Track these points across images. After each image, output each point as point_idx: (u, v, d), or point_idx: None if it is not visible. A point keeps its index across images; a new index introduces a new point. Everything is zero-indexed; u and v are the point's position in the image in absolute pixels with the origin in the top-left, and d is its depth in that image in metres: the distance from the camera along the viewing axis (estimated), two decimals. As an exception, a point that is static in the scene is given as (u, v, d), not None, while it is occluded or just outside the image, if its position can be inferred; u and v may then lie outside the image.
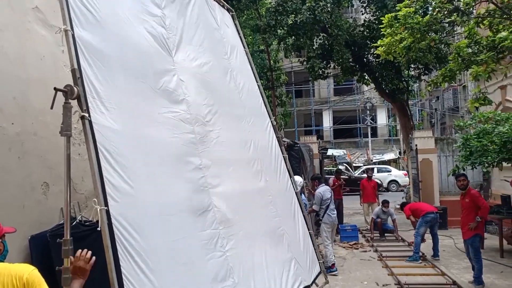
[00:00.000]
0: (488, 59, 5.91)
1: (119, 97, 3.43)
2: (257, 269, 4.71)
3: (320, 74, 15.86)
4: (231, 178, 4.85)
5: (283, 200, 5.88)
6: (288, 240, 5.56)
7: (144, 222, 3.24)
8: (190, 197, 3.95)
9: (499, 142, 7.81)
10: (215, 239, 4.09)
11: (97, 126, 3.03)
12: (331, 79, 31.53)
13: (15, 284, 2.25)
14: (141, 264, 3.04)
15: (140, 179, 3.35)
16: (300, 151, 11.19)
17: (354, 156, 36.27)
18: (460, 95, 29.71)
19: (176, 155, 3.95)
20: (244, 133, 5.55)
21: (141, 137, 3.56)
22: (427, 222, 9.17)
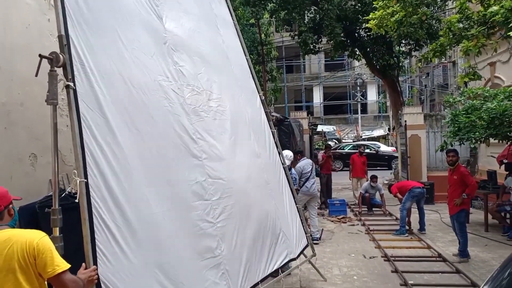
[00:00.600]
0: (479, 34, 5.90)
1: (110, 64, 3.36)
2: (247, 241, 4.75)
3: (311, 49, 15.76)
4: (228, 149, 4.85)
5: (272, 174, 5.92)
6: (277, 213, 5.61)
7: (128, 195, 3.22)
8: (182, 168, 3.93)
9: (487, 118, 7.87)
10: (206, 211, 4.10)
11: (82, 96, 2.97)
12: (322, 55, 31.41)
13: (25, 251, 2.26)
14: (118, 236, 3.04)
15: (127, 150, 3.30)
16: (290, 126, 11.23)
17: (343, 133, 36.44)
18: (450, 72, 29.77)
19: (169, 124, 3.91)
20: (239, 105, 5.53)
21: (132, 106, 3.50)
22: (413, 196, 9.30)
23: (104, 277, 2.87)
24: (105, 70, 3.26)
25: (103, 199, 3.00)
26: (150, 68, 3.83)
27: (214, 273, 4.00)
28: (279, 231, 5.53)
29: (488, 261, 7.05)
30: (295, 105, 38.98)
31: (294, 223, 6.07)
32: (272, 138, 6.28)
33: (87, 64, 3.08)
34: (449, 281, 6.18)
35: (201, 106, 4.49)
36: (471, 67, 6.76)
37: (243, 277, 4.46)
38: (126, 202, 3.19)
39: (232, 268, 4.28)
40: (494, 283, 2.21)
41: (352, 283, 6.17)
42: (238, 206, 4.69)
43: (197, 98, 4.46)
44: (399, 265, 6.77)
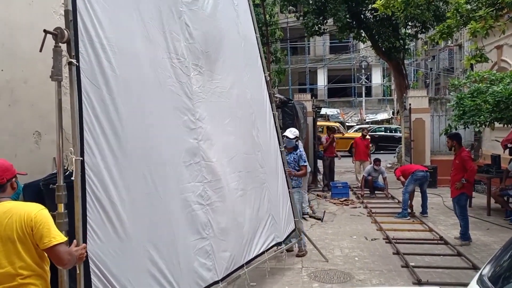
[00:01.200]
0: (487, 16, 5.81)
1: (123, 39, 3.31)
2: (236, 224, 4.79)
3: (316, 30, 15.58)
4: (226, 131, 4.84)
5: (269, 156, 5.92)
6: (269, 196, 5.64)
7: (125, 174, 3.22)
8: (179, 149, 3.93)
9: (492, 102, 7.81)
10: (198, 192, 4.12)
11: (87, 73, 2.95)
12: (327, 36, 31.10)
13: (23, 222, 2.31)
14: (111, 215, 3.07)
15: (128, 129, 3.29)
16: (294, 108, 11.16)
17: (347, 116, 36.28)
18: (456, 55, 29.50)
19: (172, 104, 3.89)
20: (243, 85, 5.49)
21: (139, 83, 3.47)
22: (416, 180, 9.30)
23: (92, 254, 2.92)
24: (117, 45, 3.22)
25: (99, 178, 3.01)
26: (161, 45, 3.80)
27: (202, 253, 4.07)
28: (268, 214, 5.57)
29: (490, 245, 7.08)
30: (299, 87, 38.78)
31: (284, 207, 6.11)
32: (273, 120, 6.26)
33: (97, 39, 3.03)
34: (450, 263, 6.22)
35: (202, 87, 4.46)
36: (478, 49, 6.68)
37: (229, 259, 4.53)
38: (123, 181, 3.20)
39: (219, 250, 4.35)
40: (496, 263, 2.22)
41: (353, 264, 6.21)
42: (228, 188, 4.71)
43: (200, 78, 4.43)
44: (400, 247, 6.81)
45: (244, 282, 5.49)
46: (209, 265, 4.15)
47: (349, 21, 15.14)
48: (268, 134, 6.03)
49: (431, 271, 5.88)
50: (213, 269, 4.21)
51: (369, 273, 5.86)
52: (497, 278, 2.13)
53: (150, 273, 3.41)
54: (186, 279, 3.79)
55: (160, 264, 3.48)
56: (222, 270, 4.37)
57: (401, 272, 5.85)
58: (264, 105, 6.09)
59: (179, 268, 3.69)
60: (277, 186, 6.00)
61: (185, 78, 4.13)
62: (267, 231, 5.50)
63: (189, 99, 4.17)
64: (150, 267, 3.41)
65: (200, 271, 4.02)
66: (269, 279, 5.63)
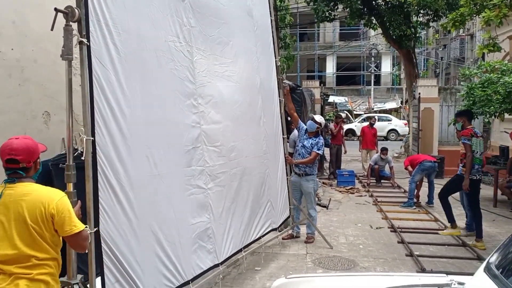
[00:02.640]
0: (501, 4, 5.72)
1: (128, 21, 3.30)
2: (237, 209, 4.84)
3: (327, 16, 15.43)
4: (231, 116, 4.83)
5: (272, 143, 5.93)
6: (269, 182, 5.68)
7: (132, 155, 3.25)
8: (181, 133, 3.94)
9: (503, 92, 7.73)
10: (199, 176, 4.15)
11: (96, 53, 2.94)
12: (337, 23, 30.80)
13: (44, 208, 2.33)
14: (120, 195, 3.10)
15: (135, 110, 3.30)
16: (302, 94, 11.10)
17: (355, 104, 36.12)
18: (467, 45, 29.14)
19: (174, 88, 3.88)
20: (252, 70, 5.45)
21: (143, 66, 3.47)
22: (423, 170, 9.25)
23: (105, 233, 2.96)
24: (122, 27, 3.20)
25: (109, 158, 3.03)
26: (164, 28, 3.77)
27: (203, 236, 4.12)
28: (267, 200, 5.62)
29: (495, 236, 7.07)
30: (307, 74, 38.56)
31: (282, 194, 6.15)
32: (279, 107, 6.22)
33: (103, 19, 3.02)
34: (455, 253, 6.22)
35: (207, 71, 4.43)
36: (491, 38, 6.58)
37: (228, 242, 4.59)
38: (131, 162, 3.22)
39: (219, 233, 4.39)
40: (504, 252, 2.21)
41: (358, 252, 6.23)
42: (231, 173, 4.73)
43: (204, 62, 4.40)
44: (405, 236, 6.81)
45: (249, 266, 5.55)
46: (210, 248, 4.21)
47: (360, 8, 14.97)
48: (273, 120, 6.03)
49: (435, 260, 5.89)
50: (214, 252, 4.27)
51: (373, 261, 5.88)
52: (504, 266, 2.12)
53: (156, 254, 3.45)
54: (188, 261, 3.84)
55: (165, 245, 3.53)
56: (222, 253, 4.43)
57: (405, 261, 5.86)
58: (272, 91, 6.06)
59: (181, 250, 3.74)
60: (277, 173, 6.02)
61: (187, 62, 4.10)
62: (265, 217, 5.56)
63: (192, 83, 4.15)
64: (156, 248, 3.45)
65: (201, 253, 4.08)
66: (274, 264, 5.67)
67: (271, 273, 5.30)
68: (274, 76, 6.16)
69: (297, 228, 6.78)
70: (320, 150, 6.46)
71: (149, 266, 3.36)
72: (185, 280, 3.74)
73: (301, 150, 6.53)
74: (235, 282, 5.09)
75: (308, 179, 6.54)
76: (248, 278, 5.20)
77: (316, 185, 6.80)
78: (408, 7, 13.26)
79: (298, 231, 6.79)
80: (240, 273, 5.35)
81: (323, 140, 6.68)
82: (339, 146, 13.03)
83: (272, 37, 6.14)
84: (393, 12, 14.57)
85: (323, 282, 2.67)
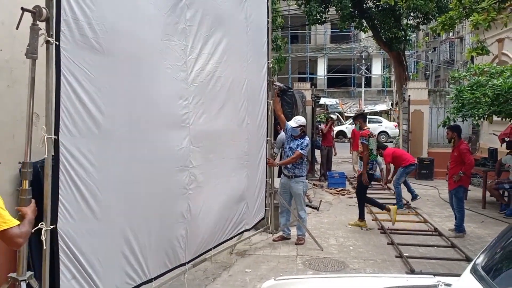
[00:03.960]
0: (489, 8, 5.79)
1: (116, 20, 3.27)
2: (214, 209, 4.85)
3: (318, 18, 15.49)
4: (219, 116, 4.84)
5: (255, 145, 5.94)
6: (247, 184, 5.71)
7: (104, 156, 3.22)
8: (169, 133, 3.94)
9: (491, 95, 7.80)
10: (183, 177, 4.15)
11: (68, 52, 2.92)
12: (328, 25, 30.89)
13: None
14: (86, 194, 3.09)
15: (113, 109, 3.27)
16: (293, 96, 11.14)
17: (346, 106, 36.27)
18: (456, 48, 29.41)
19: (166, 87, 3.86)
20: (240, 71, 5.46)
21: (132, 65, 3.44)
22: (407, 173, 9.42)
23: (63, 231, 2.96)
24: (108, 25, 3.18)
25: (75, 158, 3.01)
26: (159, 26, 3.76)
27: (177, 236, 4.14)
28: (243, 202, 5.66)
29: (484, 237, 7.13)
30: (298, 76, 38.63)
31: (259, 195, 6.19)
32: (266, 109, 6.21)
33: (83, 18, 2.99)
34: (444, 255, 6.27)
35: (201, 70, 4.43)
36: (479, 41, 6.66)
37: (200, 242, 4.61)
38: (102, 163, 3.19)
39: (193, 234, 4.41)
40: (490, 253, 2.24)
41: (348, 253, 6.26)
42: (212, 174, 4.74)
43: (197, 61, 4.39)
44: (395, 238, 6.86)
45: (239, 268, 5.55)
46: (181, 247, 4.24)
47: (351, 10, 15.06)
48: (257, 123, 6.03)
49: (424, 261, 5.94)
50: (184, 251, 4.29)
51: (363, 262, 5.90)
52: (490, 267, 2.15)
53: (123, 254, 3.46)
54: (156, 260, 3.86)
55: (134, 245, 3.54)
56: (191, 252, 4.46)
57: (395, 262, 5.89)
58: (260, 93, 6.06)
59: (151, 250, 3.75)
60: (256, 175, 6.04)
61: (181, 61, 4.10)
62: (240, 218, 5.59)
63: (185, 83, 4.14)
64: (123, 248, 3.46)
65: (171, 253, 4.11)
66: (264, 265, 5.68)
67: (262, 275, 5.31)
68: (264, 77, 6.16)
69: (287, 230, 6.79)
70: (303, 150, 6.44)
71: (113, 265, 3.37)
72: (148, 278, 3.76)
73: (289, 152, 6.56)
74: (225, 284, 5.09)
75: (297, 181, 6.55)
76: (239, 280, 5.20)
77: (305, 187, 6.82)
78: (399, 9, 13.36)
79: (289, 232, 6.80)
80: (230, 275, 5.35)
81: (308, 141, 6.68)
82: (330, 148, 13.08)
83: (267, 39, 6.13)
84: (383, 15, 14.67)
85: (312, 283, 2.68)
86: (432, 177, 12.89)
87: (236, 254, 6.10)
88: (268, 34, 6.15)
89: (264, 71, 6.11)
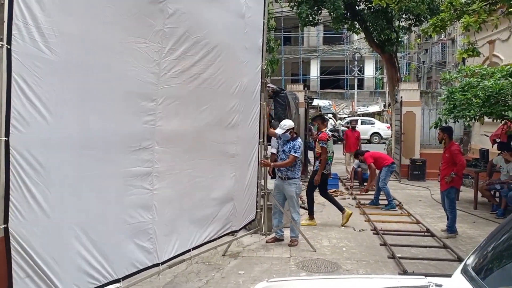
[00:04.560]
0: (480, 10, 5.83)
1: (71, 24, 3.24)
2: (186, 210, 4.76)
3: (310, 20, 15.54)
4: (194, 118, 4.76)
5: (246, 146, 5.90)
6: (236, 185, 5.65)
7: (56, 157, 3.22)
8: (126, 133, 3.88)
9: (483, 96, 7.84)
10: (145, 177, 4.11)
11: (20, 55, 2.93)
12: (321, 27, 31.01)
13: None
14: (37, 195, 3.10)
15: (63, 110, 3.25)
16: (286, 98, 11.17)
17: (339, 107, 36.42)
18: (448, 49, 29.59)
19: (125, 88, 3.81)
20: (233, 72, 5.40)
21: (82, 66, 3.39)
22: (391, 172, 9.59)
23: (15, 231, 2.98)
24: (59, 29, 3.15)
25: (25, 159, 3.02)
26: (123, 29, 3.70)
27: (141, 236, 4.09)
28: (230, 202, 5.58)
29: (475, 238, 7.18)
30: (291, 77, 38.75)
31: (250, 197, 6.14)
32: (259, 110, 6.21)
33: (32, 22, 2.99)
34: (436, 255, 6.30)
35: (178, 72, 4.35)
36: (470, 43, 6.70)
37: (173, 243, 4.53)
38: (53, 163, 3.20)
39: (162, 234, 4.34)
40: (480, 254, 2.25)
41: (341, 254, 6.27)
42: (182, 175, 4.66)
43: (178, 63, 4.33)
44: (387, 239, 6.88)
45: (232, 270, 5.54)
46: (149, 248, 4.18)
47: (344, 12, 15.12)
48: (250, 124, 6.00)
49: (417, 262, 5.96)
50: (154, 252, 4.24)
51: (356, 263, 5.91)
52: (481, 268, 2.15)
53: (78, 253, 3.44)
54: (120, 260, 3.82)
55: (89, 244, 3.51)
56: (164, 253, 4.39)
57: (387, 263, 5.91)
58: (254, 94, 6.04)
59: (111, 249, 3.72)
60: (246, 176, 5.99)
61: (152, 63, 4.03)
62: (225, 219, 5.51)
63: (154, 84, 4.08)
64: (78, 247, 3.44)
65: (138, 253, 4.06)
66: (258, 267, 5.67)
67: (255, 277, 5.30)
68: (258, 79, 6.15)
69: (280, 231, 6.79)
70: (296, 153, 6.52)
71: (70, 263, 3.37)
72: (114, 278, 3.73)
73: (282, 155, 6.66)
74: (218, 286, 5.08)
75: (290, 183, 6.58)
76: (232, 281, 5.19)
77: (298, 189, 6.82)
78: (391, 12, 13.41)
79: (281, 234, 6.80)
80: (223, 277, 5.34)
81: (300, 142, 6.70)
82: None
83: (263, 39, 6.13)
84: (376, 17, 14.74)
85: (304, 285, 2.68)
86: (424, 178, 12.99)
87: (229, 256, 6.09)
88: (263, 36, 6.14)
89: (258, 72, 6.10)
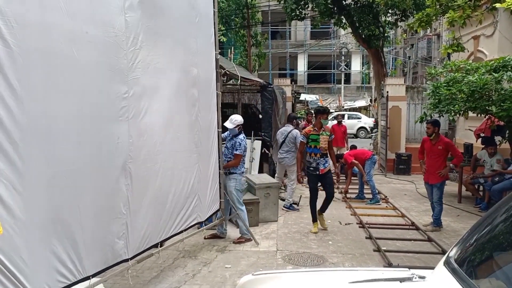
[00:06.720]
0: (465, 5, 5.89)
1: (30, 13, 3.14)
2: (157, 203, 4.76)
3: (297, 14, 15.53)
4: (161, 109, 4.75)
5: (206, 137, 5.90)
6: (199, 176, 5.66)
7: (24, 153, 3.14)
8: (102, 127, 3.84)
9: (467, 91, 7.91)
10: (120, 171, 4.08)
11: None
12: (308, 21, 31.02)
13: None
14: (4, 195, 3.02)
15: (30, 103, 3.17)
16: (273, 92, 11.13)
17: (326, 102, 36.50)
18: (434, 45, 29.85)
19: (95, 80, 3.75)
20: (189, 62, 5.41)
21: (50, 59, 3.31)
22: (374, 163, 9.72)
23: None
24: (17, 19, 3.05)
25: None
26: (88, 18, 3.63)
27: (115, 232, 4.06)
28: (195, 194, 5.59)
29: (459, 231, 7.28)
30: (279, 72, 38.75)
31: (212, 188, 6.15)
32: (216, 100, 6.19)
33: None
34: (421, 248, 6.38)
35: (142, 62, 4.32)
36: (455, 38, 6.76)
37: (143, 237, 4.51)
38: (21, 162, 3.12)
39: (134, 229, 4.32)
40: (463, 246, 2.29)
41: (327, 248, 6.31)
42: (154, 168, 4.65)
43: (140, 53, 4.29)
44: (373, 232, 6.95)
45: (219, 264, 5.55)
46: (121, 243, 4.15)
47: (330, 7, 15.15)
48: (209, 114, 6.00)
49: (401, 255, 6.03)
50: (125, 247, 4.21)
51: (342, 256, 5.96)
52: (463, 260, 2.19)
53: (52, 252, 3.39)
54: (92, 257, 3.78)
55: (63, 243, 3.47)
56: (134, 248, 4.37)
57: (373, 256, 5.97)
58: (211, 84, 6.05)
59: (85, 247, 3.67)
60: (208, 167, 5.98)
61: (121, 53, 3.99)
62: (191, 211, 5.51)
63: (123, 75, 4.04)
64: (50, 246, 3.38)
65: (110, 249, 4.03)
66: (244, 261, 5.69)
67: (242, 271, 5.32)
68: (213, 68, 6.14)
69: (221, 227, 6.71)
70: (238, 150, 6.42)
71: (40, 263, 3.30)
72: (84, 276, 3.68)
73: (225, 151, 6.58)
74: (205, 280, 5.08)
75: (230, 178, 6.51)
76: (218, 275, 5.20)
77: (239, 184, 6.59)
78: (377, 7, 13.46)
79: (222, 230, 6.72)
80: (210, 271, 5.35)
81: (242, 138, 6.53)
82: (309, 144, 13.12)
83: (214, 29, 6.11)
84: (362, 11, 14.81)
85: (289, 278, 2.69)
86: (409, 172, 13.12)
87: (216, 250, 6.10)
88: (214, 25, 6.11)
89: (213, 62, 6.09)
